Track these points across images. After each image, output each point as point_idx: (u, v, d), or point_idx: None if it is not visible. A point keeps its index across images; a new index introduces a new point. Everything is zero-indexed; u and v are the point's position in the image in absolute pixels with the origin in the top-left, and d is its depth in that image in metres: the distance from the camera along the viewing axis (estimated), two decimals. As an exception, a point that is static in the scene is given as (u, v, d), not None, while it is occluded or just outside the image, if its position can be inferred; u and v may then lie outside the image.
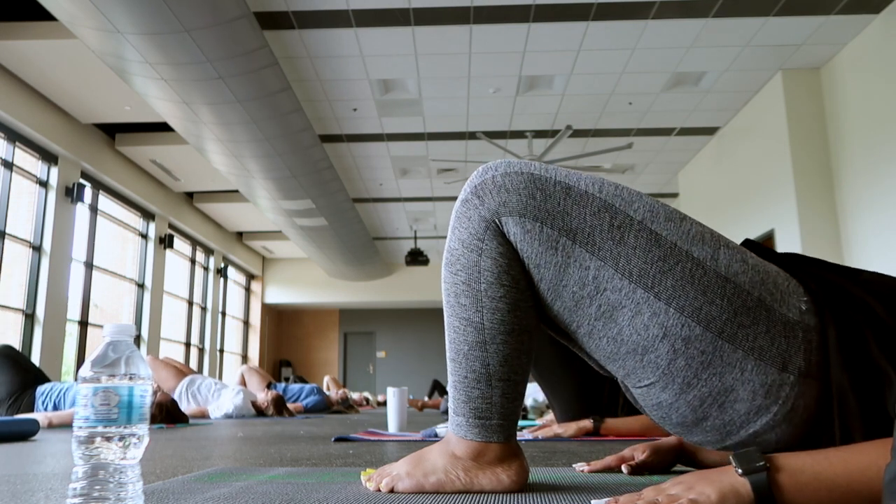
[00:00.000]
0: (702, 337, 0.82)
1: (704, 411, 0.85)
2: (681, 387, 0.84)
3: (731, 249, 0.85)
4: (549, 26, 5.33)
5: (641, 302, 0.83)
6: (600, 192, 0.87)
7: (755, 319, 0.82)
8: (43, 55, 5.66)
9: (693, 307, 0.82)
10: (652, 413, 0.91)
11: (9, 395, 3.73)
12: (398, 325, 15.45)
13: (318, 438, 2.49)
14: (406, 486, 0.98)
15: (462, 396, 0.95)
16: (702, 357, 0.82)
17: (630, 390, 0.94)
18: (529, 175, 0.88)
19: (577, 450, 1.86)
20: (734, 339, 0.81)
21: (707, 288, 0.82)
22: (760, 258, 0.89)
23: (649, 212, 0.86)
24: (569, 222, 0.86)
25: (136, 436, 0.73)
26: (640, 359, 0.85)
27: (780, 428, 0.83)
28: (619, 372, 0.90)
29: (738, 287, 0.82)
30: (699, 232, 0.86)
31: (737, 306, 0.82)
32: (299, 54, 5.71)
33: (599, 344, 0.88)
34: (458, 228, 0.93)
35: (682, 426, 0.89)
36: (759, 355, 0.81)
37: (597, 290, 0.85)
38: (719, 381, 0.82)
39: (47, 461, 1.66)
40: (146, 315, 9.10)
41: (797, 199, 5.92)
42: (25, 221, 6.75)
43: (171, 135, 7.44)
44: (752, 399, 0.82)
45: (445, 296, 0.95)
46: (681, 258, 0.83)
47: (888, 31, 5.14)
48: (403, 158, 8.28)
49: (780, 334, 0.82)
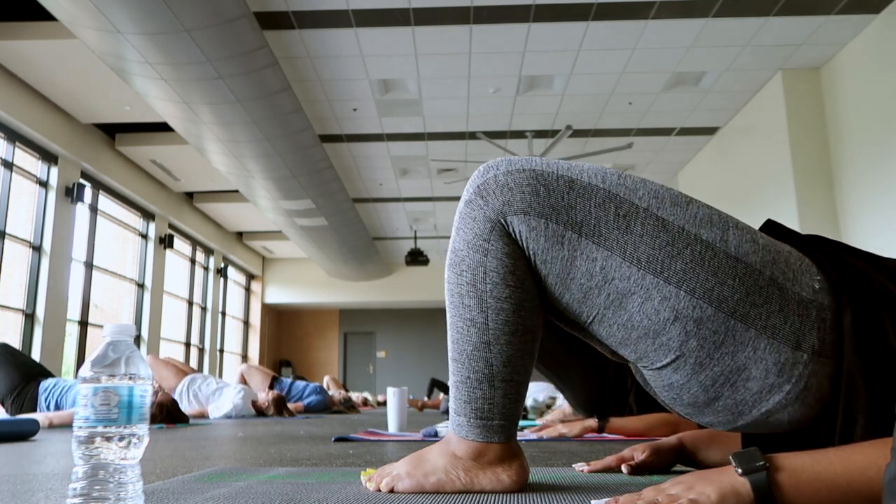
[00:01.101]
0: (714, 317, 0.81)
1: (717, 391, 0.84)
2: (693, 367, 0.84)
3: (740, 230, 0.85)
4: (549, 26, 5.33)
5: (651, 287, 0.83)
6: (603, 183, 0.86)
7: (768, 298, 0.81)
8: (43, 55, 5.66)
9: (704, 289, 0.82)
10: (663, 394, 0.91)
11: (10, 391, 3.73)
12: (398, 325, 15.45)
13: (318, 438, 2.49)
14: (406, 486, 0.97)
15: (464, 396, 0.95)
16: (714, 337, 0.82)
17: (641, 372, 0.93)
18: (532, 171, 0.88)
19: (577, 450, 1.86)
20: (746, 319, 0.81)
21: (718, 269, 0.82)
22: (772, 238, 0.88)
23: (654, 198, 0.86)
24: (574, 216, 0.85)
25: (136, 436, 0.73)
26: (652, 342, 0.85)
27: (792, 407, 0.82)
28: (630, 356, 0.90)
29: (749, 266, 0.82)
30: (706, 214, 0.85)
31: (748, 286, 0.81)
32: (299, 54, 5.71)
33: (610, 331, 0.88)
34: (462, 229, 0.92)
35: (693, 406, 0.88)
36: (772, 333, 0.81)
37: (605, 280, 0.85)
38: (732, 361, 0.82)
39: (47, 461, 1.66)
40: (146, 315, 9.10)
41: (797, 199, 5.92)
42: (25, 221, 6.75)
43: (171, 135, 7.44)
44: (764, 377, 0.81)
45: (449, 296, 0.95)
46: (689, 241, 0.83)
47: (888, 31, 5.14)
48: (403, 158, 8.27)
49: (794, 312, 0.81)
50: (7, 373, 3.78)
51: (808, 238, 0.92)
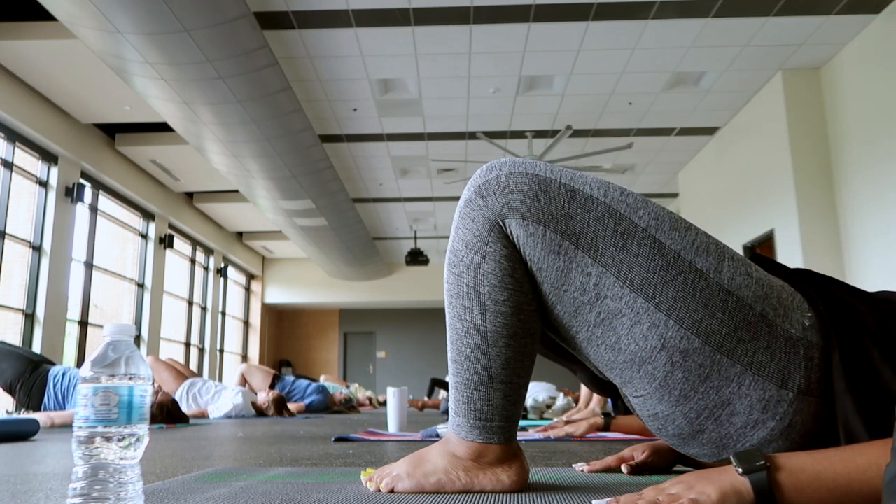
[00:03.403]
0: (700, 350, 0.81)
1: (701, 424, 0.84)
2: (677, 399, 0.84)
3: (735, 262, 0.85)
4: (549, 26, 5.33)
5: (641, 312, 0.83)
6: (605, 197, 0.86)
7: (756, 334, 0.81)
8: (43, 55, 5.65)
9: (693, 320, 0.81)
10: (649, 423, 0.91)
11: (18, 377, 3.73)
12: (398, 325, 15.45)
13: (318, 438, 2.49)
14: (406, 487, 0.97)
15: (463, 398, 0.95)
16: (699, 370, 0.82)
17: (628, 399, 0.94)
18: (534, 176, 0.87)
19: (577, 450, 1.86)
20: (733, 354, 0.81)
21: (708, 301, 0.81)
22: (766, 272, 0.87)
23: (654, 219, 0.85)
24: (572, 226, 0.85)
25: (136, 436, 0.73)
26: (638, 369, 0.85)
27: (776, 443, 0.82)
28: (616, 380, 0.90)
29: (740, 301, 0.82)
30: (704, 242, 0.85)
31: (738, 321, 0.81)
32: (299, 54, 5.71)
33: (598, 351, 0.88)
34: (461, 229, 0.92)
35: (678, 438, 0.89)
36: (757, 370, 0.81)
37: (597, 297, 0.85)
38: (716, 395, 0.82)
39: (47, 461, 1.66)
40: (146, 315, 9.10)
41: (797, 198, 5.92)
42: (25, 221, 6.75)
43: (171, 135, 7.44)
44: (749, 413, 0.82)
45: (448, 297, 0.94)
46: (683, 269, 0.83)
47: (888, 31, 5.14)
48: (403, 158, 8.27)
49: (781, 350, 0.81)
50: (12, 360, 3.78)
51: (797, 272, 0.91)
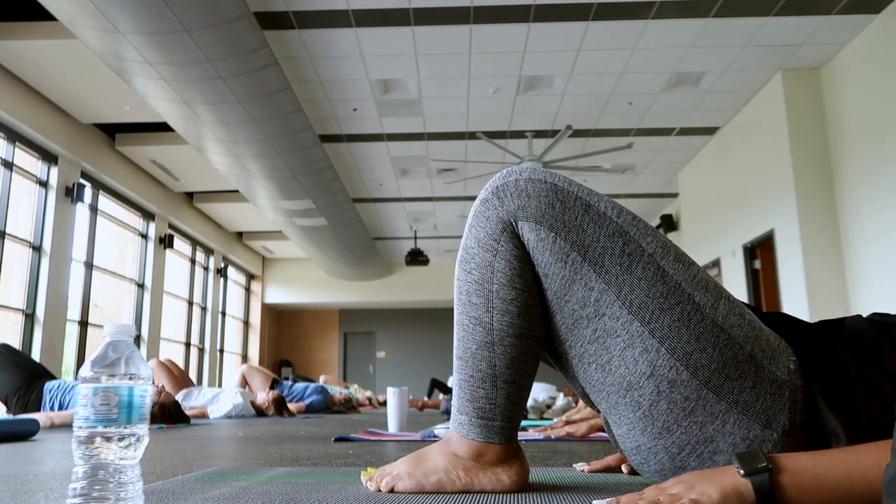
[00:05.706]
0: (688, 383, 0.83)
1: (683, 460, 0.85)
2: (660, 431, 0.85)
3: (731, 302, 0.87)
4: (549, 26, 5.33)
5: (636, 335, 0.84)
6: (618, 217, 0.88)
7: (743, 373, 0.82)
8: (43, 55, 5.65)
9: (685, 351, 0.83)
10: (631, 458, 0.92)
11: (14, 391, 3.72)
12: (398, 325, 15.45)
13: (318, 438, 2.49)
14: (406, 486, 0.97)
15: (466, 395, 0.95)
16: (685, 403, 0.83)
17: (612, 433, 0.94)
18: (552, 185, 0.89)
19: (577, 450, 1.86)
20: (720, 391, 0.82)
21: (701, 335, 0.83)
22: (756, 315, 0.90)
23: (661, 247, 0.87)
24: (583, 238, 0.87)
25: (136, 436, 0.73)
26: (625, 394, 0.86)
27: None
28: (602, 404, 0.91)
29: (731, 339, 0.83)
30: (704, 279, 0.87)
31: (727, 358, 0.83)
32: (299, 54, 5.71)
33: (588, 370, 0.89)
34: (475, 227, 0.93)
35: (660, 474, 0.89)
36: (742, 409, 0.82)
37: (596, 314, 0.86)
38: (699, 431, 0.83)
39: (47, 461, 1.66)
40: (146, 315, 9.10)
41: (797, 198, 5.92)
42: (25, 221, 6.75)
43: (171, 135, 7.44)
44: (732, 452, 0.82)
45: (457, 293, 0.96)
46: (682, 299, 0.84)
47: (888, 31, 5.14)
48: (403, 158, 8.27)
49: (767, 391, 0.82)
50: (11, 373, 3.77)
51: (773, 316, 0.93)
